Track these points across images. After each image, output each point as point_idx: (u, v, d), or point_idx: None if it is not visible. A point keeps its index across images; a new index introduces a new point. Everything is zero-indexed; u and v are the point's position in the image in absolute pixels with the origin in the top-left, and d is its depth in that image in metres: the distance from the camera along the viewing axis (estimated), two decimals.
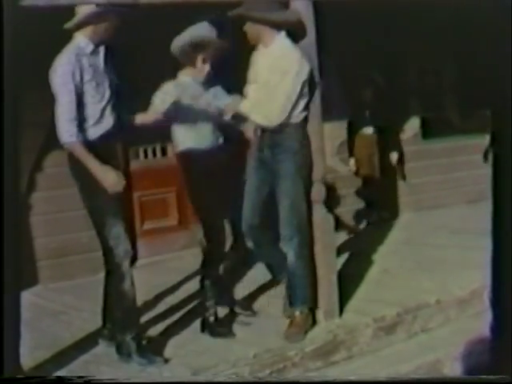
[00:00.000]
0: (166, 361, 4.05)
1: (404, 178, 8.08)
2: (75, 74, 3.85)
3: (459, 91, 8.38)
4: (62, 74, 3.84)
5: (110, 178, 3.94)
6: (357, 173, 7.61)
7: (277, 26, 4.25)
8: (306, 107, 4.33)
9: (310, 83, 4.29)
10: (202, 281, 4.60)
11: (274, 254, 4.53)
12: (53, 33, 3.95)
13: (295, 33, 4.32)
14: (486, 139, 7.98)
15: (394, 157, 7.73)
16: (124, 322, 4.06)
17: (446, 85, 8.53)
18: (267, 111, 4.25)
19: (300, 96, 4.23)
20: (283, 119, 4.22)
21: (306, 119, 4.35)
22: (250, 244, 4.50)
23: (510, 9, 2.93)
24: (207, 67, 4.54)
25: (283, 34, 4.29)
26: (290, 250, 4.32)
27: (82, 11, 3.89)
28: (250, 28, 4.30)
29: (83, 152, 3.89)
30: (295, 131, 4.29)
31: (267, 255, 4.64)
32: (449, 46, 8.02)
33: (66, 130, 3.84)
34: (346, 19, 6.10)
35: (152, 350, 4.13)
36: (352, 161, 7.54)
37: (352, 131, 7.55)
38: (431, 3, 5.46)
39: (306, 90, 4.27)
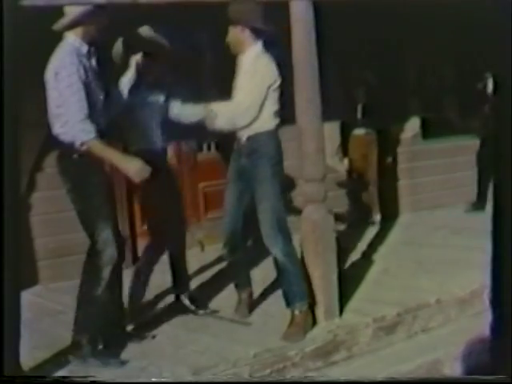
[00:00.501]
0: (123, 363, 4.03)
1: (397, 179, 8.09)
2: (80, 74, 3.84)
3: (459, 91, 8.38)
4: (68, 74, 3.81)
5: (135, 167, 3.94)
6: (351, 173, 7.61)
7: (257, 33, 4.36)
8: (277, 114, 4.43)
9: (281, 91, 4.40)
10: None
11: (244, 264, 4.82)
12: (53, 33, 3.96)
13: (274, 42, 4.43)
14: (477, 143, 8.03)
15: (388, 160, 7.73)
16: (84, 325, 4.03)
17: (446, 85, 8.53)
18: (231, 115, 4.39)
19: (267, 101, 4.34)
20: (248, 122, 4.34)
21: (278, 126, 4.45)
22: (224, 251, 4.70)
23: (510, 9, 2.93)
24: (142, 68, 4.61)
25: (260, 43, 4.39)
26: (275, 248, 4.38)
27: (72, 11, 3.87)
28: (232, 37, 4.40)
29: (103, 146, 3.89)
30: (269, 138, 4.41)
31: (238, 264, 4.82)
32: (449, 46, 8.02)
33: (82, 129, 3.82)
34: (345, 19, 6.10)
35: (110, 353, 4.12)
36: (346, 161, 7.54)
37: (346, 131, 7.55)
38: (431, 3, 5.46)
39: (273, 96, 4.37)
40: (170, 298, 5.12)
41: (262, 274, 5.34)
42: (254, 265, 5.52)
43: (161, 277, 5.74)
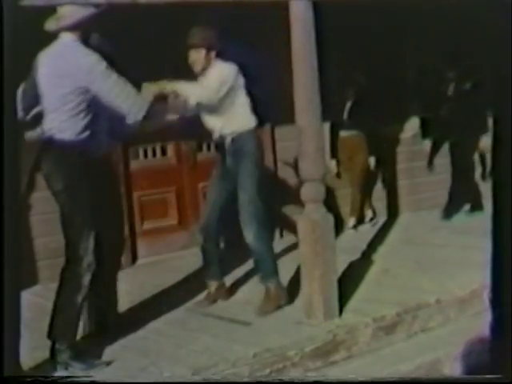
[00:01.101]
0: (108, 363, 4.03)
1: (384, 180, 8.07)
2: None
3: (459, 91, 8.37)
4: (106, 67, 3.89)
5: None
6: (339, 175, 7.58)
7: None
8: (254, 113, 4.86)
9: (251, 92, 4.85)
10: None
11: (214, 256, 5.08)
12: (53, 32, 3.96)
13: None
14: (426, 145, 7.98)
15: (371, 161, 7.66)
16: (64, 331, 4.02)
17: (445, 85, 8.52)
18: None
19: (241, 101, 4.79)
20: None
21: (257, 125, 4.90)
22: (199, 237, 5.08)
23: (510, 9, 2.93)
24: None
25: (219, 61, 4.78)
26: (249, 232, 4.80)
27: (73, 13, 3.89)
28: (200, 59, 4.77)
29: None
30: (250, 136, 4.83)
31: (209, 255, 5.09)
32: (449, 46, 8.01)
33: (141, 104, 3.98)
34: (345, 19, 6.10)
35: (93, 355, 4.13)
36: (333, 163, 7.50)
37: (333, 133, 7.51)
38: (431, 3, 5.47)
39: (244, 96, 4.80)
40: (171, 299, 5.13)
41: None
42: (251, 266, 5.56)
43: (160, 277, 5.77)
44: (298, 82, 4.49)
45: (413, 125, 8.23)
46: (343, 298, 4.72)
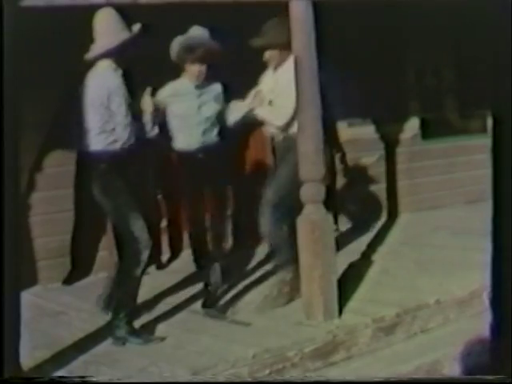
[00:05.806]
0: (162, 339, 4.34)
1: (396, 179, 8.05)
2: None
3: (459, 91, 8.38)
4: (122, 93, 4.26)
5: None
6: None
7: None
8: None
9: None
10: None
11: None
12: (53, 33, 3.96)
13: None
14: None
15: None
16: (123, 303, 4.35)
17: (446, 85, 8.53)
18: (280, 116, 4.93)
19: None
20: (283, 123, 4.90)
21: None
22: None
23: (510, 9, 2.93)
24: (197, 68, 4.93)
25: (292, 58, 4.59)
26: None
27: (104, 42, 4.14)
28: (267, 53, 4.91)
29: None
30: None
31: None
32: (449, 46, 8.02)
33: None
34: (345, 19, 6.11)
35: (146, 330, 4.46)
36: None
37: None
38: (431, 3, 5.47)
39: None
40: (171, 299, 5.13)
41: (260, 275, 5.36)
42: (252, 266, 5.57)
43: (161, 277, 5.77)
44: (298, 82, 4.49)
45: (413, 125, 8.23)
46: (343, 298, 4.72)
